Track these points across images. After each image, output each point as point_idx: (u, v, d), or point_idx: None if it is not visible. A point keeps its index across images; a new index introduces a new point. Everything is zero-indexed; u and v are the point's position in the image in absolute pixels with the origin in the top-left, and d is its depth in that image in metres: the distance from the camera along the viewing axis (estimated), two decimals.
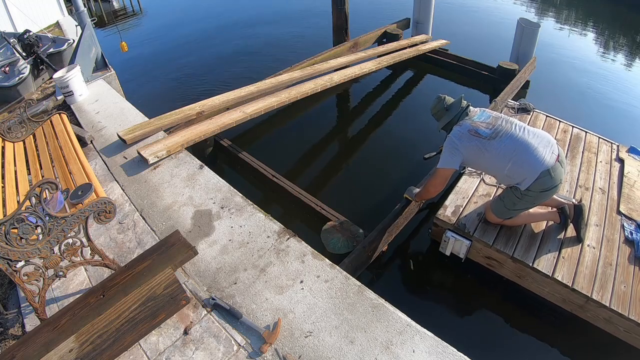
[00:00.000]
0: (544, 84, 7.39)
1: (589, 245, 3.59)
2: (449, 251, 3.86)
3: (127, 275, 2.63)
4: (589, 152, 4.74)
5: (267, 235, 3.44)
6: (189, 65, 8.90)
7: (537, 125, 5.09)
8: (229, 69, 8.57)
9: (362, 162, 5.73)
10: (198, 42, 10.19)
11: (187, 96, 6.90)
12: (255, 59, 8.92)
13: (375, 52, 7.46)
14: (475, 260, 3.84)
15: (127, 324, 2.59)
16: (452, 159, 3.38)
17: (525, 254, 3.50)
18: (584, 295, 3.21)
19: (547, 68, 7.92)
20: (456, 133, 3.38)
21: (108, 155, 4.58)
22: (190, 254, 2.79)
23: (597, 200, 4.08)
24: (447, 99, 3.65)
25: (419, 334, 2.66)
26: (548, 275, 3.34)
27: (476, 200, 4.05)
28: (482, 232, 3.70)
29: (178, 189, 4.00)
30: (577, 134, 5.04)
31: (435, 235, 4.01)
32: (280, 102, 5.43)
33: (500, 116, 3.40)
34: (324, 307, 2.84)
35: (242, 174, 5.32)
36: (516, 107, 5.47)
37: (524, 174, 3.20)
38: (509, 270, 3.62)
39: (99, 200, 2.71)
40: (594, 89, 7.54)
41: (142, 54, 9.68)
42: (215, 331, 2.74)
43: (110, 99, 5.71)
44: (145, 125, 4.83)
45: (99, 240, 3.54)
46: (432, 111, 3.72)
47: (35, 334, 2.41)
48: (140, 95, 7.39)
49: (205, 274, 3.15)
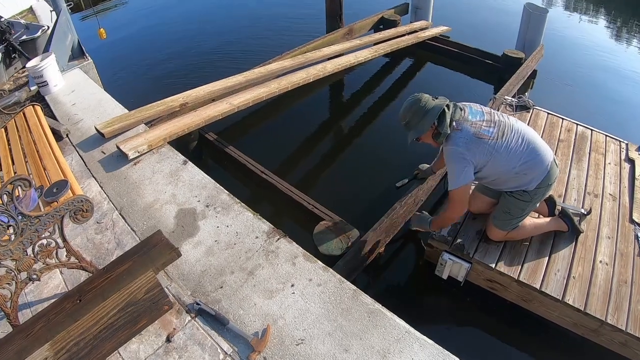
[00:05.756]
0: (552, 73, 7.41)
1: (601, 261, 3.50)
2: (446, 275, 3.72)
3: (106, 278, 2.63)
4: (597, 153, 4.64)
5: (255, 235, 3.44)
6: (172, 53, 8.84)
7: (538, 124, 5.05)
8: (216, 57, 8.52)
9: (357, 158, 5.73)
10: (182, 29, 10.11)
11: (170, 87, 6.84)
12: (244, 47, 8.88)
13: (372, 40, 7.45)
14: (476, 283, 3.72)
15: (105, 330, 2.59)
16: (464, 174, 3.06)
17: (532, 276, 3.38)
18: (597, 319, 3.12)
19: (555, 56, 7.93)
20: (460, 141, 3.03)
21: (85, 150, 4.56)
22: (174, 255, 2.80)
23: (608, 209, 3.98)
24: (424, 98, 3.11)
25: (418, 341, 2.68)
26: (558, 299, 3.23)
27: (474, 216, 3.88)
28: (484, 254, 3.57)
29: (160, 186, 4.00)
30: (582, 133, 4.95)
31: (430, 257, 3.88)
32: (270, 93, 5.42)
33: (490, 110, 3.24)
34: (317, 312, 2.85)
35: (228, 170, 5.31)
36: (514, 104, 5.38)
37: (536, 169, 3.12)
38: (514, 293, 3.49)
39: (75, 198, 2.70)
40: (604, 80, 7.57)
41: (122, 41, 9.58)
42: (200, 338, 2.74)
43: (87, 90, 5.68)
44: (125, 117, 4.82)
45: (76, 241, 3.53)
46: (404, 117, 3.19)
47: (7, 342, 2.40)
48: (120, 86, 7.35)
49: (189, 277, 3.15)
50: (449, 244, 3.65)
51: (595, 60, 8.35)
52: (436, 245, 3.74)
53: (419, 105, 3.07)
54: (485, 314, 3.83)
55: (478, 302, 3.80)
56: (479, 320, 3.82)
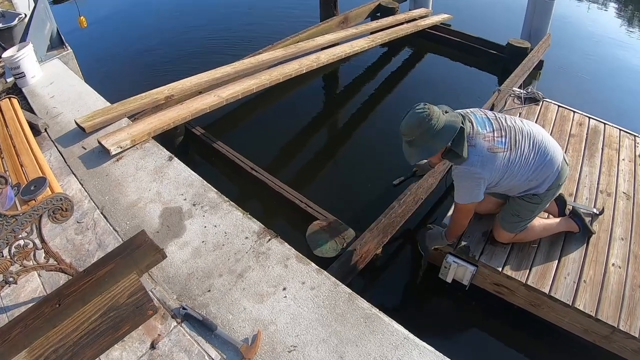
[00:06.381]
0: (559, 64, 7.41)
1: (614, 264, 3.48)
2: (450, 278, 3.70)
3: (86, 281, 2.61)
4: (610, 149, 4.59)
5: (245, 236, 3.44)
6: (157, 42, 8.80)
7: (548, 117, 5.01)
8: (203, 47, 8.47)
9: (353, 154, 5.73)
10: (168, 17, 10.06)
11: (155, 78, 6.81)
12: (233, 36, 8.84)
13: (368, 28, 7.45)
14: (482, 287, 3.71)
15: (86, 337, 2.58)
16: (476, 193, 3.01)
17: (541, 279, 3.36)
18: (609, 326, 3.10)
19: (563, 46, 7.93)
20: (475, 159, 2.89)
21: (65, 146, 4.54)
22: (158, 257, 2.79)
23: (621, 209, 3.94)
24: (434, 115, 2.79)
25: (417, 348, 2.68)
26: (568, 305, 3.22)
27: (480, 216, 3.82)
28: (490, 256, 3.54)
29: (144, 183, 3.98)
30: (594, 127, 4.89)
31: (434, 260, 3.86)
32: (261, 84, 5.41)
33: (494, 114, 3.11)
34: (310, 317, 2.85)
35: (216, 167, 5.30)
36: (523, 96, 5.31)
37: (547, 172, 3.08)
38: (522, 298, 3.47)
39: (54, 197, 2.69)
40: (616, 70, 7.58)
41: (104, 30, 9.52)
42: (187, 345, 2.74)
43: (67, 82, 5.66)
44: (107, 111, 4.79)
45: (55, 242, 3.51)
46: (408, 134, 2.91)
47: None
48: (102, 77, 7.27)
49: (175, 280, 3.15)
50: (453, 246, 3.61)
51: (606, 50, 8.34)
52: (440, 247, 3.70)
53: (429, 124, 2.77)
54: (491, 320, 3.84)
55: (484, 306, 3.80)
56: (485, 325, 3.83)
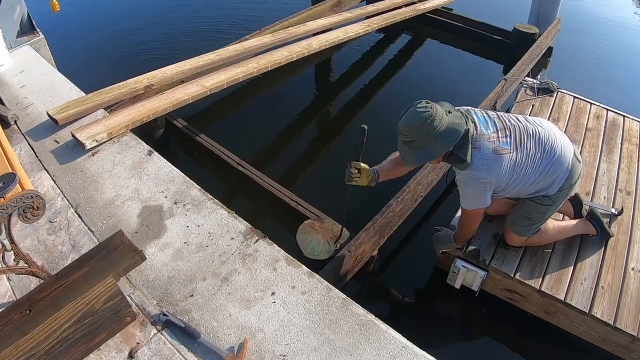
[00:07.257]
0: (570, 51, 7.43)
1: (634, 268, 3.49)
2: (459, 284, 3.72)
3: (59, 285, 2.61)
4: (630, 144, 4.58)
5: (230, 236, 3.44)
6: (135, 27, 8.75)
7: (563, 110, 4.98)
8: (185, 32, 8.46)
9: (347, 148, 5.71)
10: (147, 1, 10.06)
11: (133, 66, 6.82)
12: (217, 21, 8.84)
13: (364, 12, 7.47)
14: (493, 293, 3.72)
15: (59, 345, 2.58)
16: (482, 200, 3.04)
17: (556, 285, 3.37)
18: (628, 335, 3.11)
19: (574, 31, 7.94)
20: (480, 163, 2.90)
21: (36, 139, 4.51)
22: (137, 259, 2.78)
23: None
24: (436, 115, 2.76)
25: (416, 357, 2.68)
26: (585, 312, 3.22)
27: (491, 218, 3.84)
28: (501, 261, 3.55)
29: (122, 180, 3.97)
30: (613, 120, 4.87)
31: (442, 264, 3.88)
32: (247, 73, 5.41)
33: (495, 113, 3.12)
34: (301, 324, 2.85)
35: (200, 162, 5.31)
36: (536, 87, 5.25)
37: (556, 171, 3.06)
38: (535, 305, 3.51)
39: (24, 194, 2.67)
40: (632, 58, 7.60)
41: (78, 14, 9.45)
42: (168, 354, 2.73)
43: (38, 70, 5.62)
44: (82, 101, 4.76)
45: (25, 243, 3.48)
46: (407, 134, 2.89)
47: None
48: (76, 65, 7.22)
49: (155, 284, 3.14)
50: (462, 249, 3.63)
51: (622, 35, 8.37)
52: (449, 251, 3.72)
53: (431, 125, 2.75)
54: (502, 328, 3.86)
55: (494, 314, 3.82)
56: (495, 334, 3.85)
